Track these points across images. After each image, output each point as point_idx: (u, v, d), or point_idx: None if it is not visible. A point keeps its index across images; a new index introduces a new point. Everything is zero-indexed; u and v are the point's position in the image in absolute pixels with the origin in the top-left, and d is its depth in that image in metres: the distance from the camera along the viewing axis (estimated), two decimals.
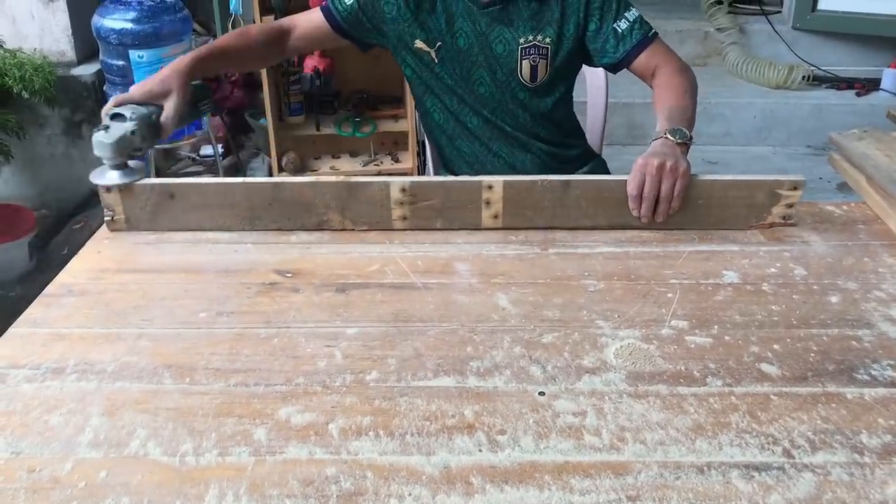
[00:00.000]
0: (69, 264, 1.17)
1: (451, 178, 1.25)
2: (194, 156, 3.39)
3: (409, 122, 2.95)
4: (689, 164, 1.22)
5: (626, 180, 1.22)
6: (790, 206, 1.24)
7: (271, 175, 2.98)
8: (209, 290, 1.10)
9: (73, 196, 3.01)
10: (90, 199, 3.00)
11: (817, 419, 0.85)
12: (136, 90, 1.30)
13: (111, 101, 1.28)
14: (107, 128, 1.22)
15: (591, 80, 1.96)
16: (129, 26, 2.49)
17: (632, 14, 1.48)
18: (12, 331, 1.01)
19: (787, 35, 3.86)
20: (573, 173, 1.55)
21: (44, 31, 2.92)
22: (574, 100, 1.64)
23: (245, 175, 3.28)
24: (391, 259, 1.17)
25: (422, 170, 2.89)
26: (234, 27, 3.04)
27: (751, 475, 0.77)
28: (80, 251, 1.21)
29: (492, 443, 0.82)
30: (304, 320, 1.03)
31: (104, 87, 2.70)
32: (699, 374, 0.92)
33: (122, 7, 2.51)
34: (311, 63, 2.80)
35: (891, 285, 1.11)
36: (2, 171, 2.96)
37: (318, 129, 2.97)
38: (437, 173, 1.92)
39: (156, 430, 0.83)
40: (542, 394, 0.89)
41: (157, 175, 2.86)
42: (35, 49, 2.90)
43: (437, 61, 1.51)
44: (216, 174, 3.08)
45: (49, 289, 1.11)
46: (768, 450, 0.81)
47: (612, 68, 1.53)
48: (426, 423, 0.84)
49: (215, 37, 3.75)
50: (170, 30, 2.56)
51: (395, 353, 0.96)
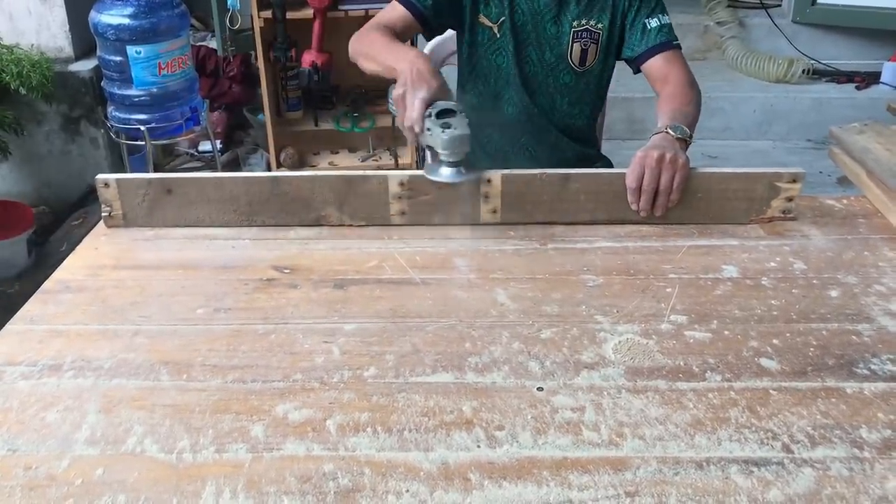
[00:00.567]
0: (66, 261, 1.17)
1: None
2: (193, 151, 3.38)
3: None
4: (688, 158, 1.22)
5: (625, 173, 1.22)
6: (790, 199, 1.24)
7: (269, 171, 2.97)
8: (206, 287, 1.10)
9: (71, 192, 3.00)
10: (88, 196, 2.99)
11: (817, 414, 0.85)
12: (426, 89, 1.18)
13: (421, 102, 1.17)
14: (446, 125, 1.15)
15: None
16: (126, 22, 2.48)
17: (665, 18, 1.52)
18: (9, 327, 1.01)
19: (786, 29, 3.85)
20: None
21: (41, 27, 2.91)
22: None
23: (243, 171, 3.28)
24: (389, 255, 1.17)
25: (420, 165, 2.88)
26: (231, 22, 3.03)
27: (750, 470, 0.77)
28: (78, 248, 1.21)
29: (490, 439, 0.81)
30: (302, 316, 1.03)
31: (102, 84, 2.69)
32: (698, 369, 0.92)
33: (120, 2, 2.50)
34: (308, 58, 2.79)
35: (891, 279, 1.10)
36: (0, 168, 2.96)
37: (316, 125, 2.97)
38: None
39: (153, 427, 0.83)
40: (540, 389, 0.88)
41: (156, 171, 2.85)
42: (32, 45, 2.89)
43: (498, 36, 1.53)
44: (215, 170, 3.08)
45: (46, 285, 1.10)
46: (767, 445, 0.80)
47: (632, 63, 1.55)
48: (424, 419, 0.84)
49: (213, 33, 3.75)
50: (167, 25, 2.55)
51: (393, 349, 0.96)
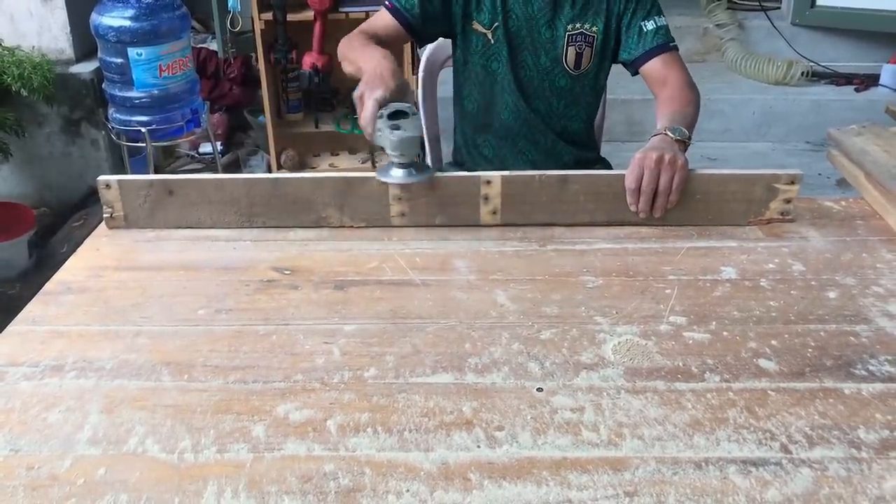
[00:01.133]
0: (68, 262, 1.17)
1: (450, 173, 1.25)
2: (193, 153, 3.39)
3: None
4: (687, 159, 1.23)
5: (619, 175, 1.22)
6: (788, 200, 1.24)
7: (270, 172, 2.98)
8: (208, 288, 1.10)
9: (72, 194, 3.00)
10: (89, 197, 3.00)
11: (815, 414, 0.85)
12: (382, 89, 1.19)
13: (374, 103, 1.18)
14: (395, 126, 1.16)
15: None
16: (127, 24, 2.49)
17: (661, 20, 1.52)
18: (11, 328, 1.01)
19: (785, 31, 3.86)
20: None
21: (42, 29, 2.92)
22: None
23: (243, 172, 3.28)
24: (390, 256, 1.18)
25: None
26: (232, 24, 3.04)
27: (748, 470, 0.78)
28: (79, 249, 1.21)
29: (490, 439, 0.82)
30: (303, 317, 1.03)
31: (103, 85, 2.70)
32: (697, 369, 0.92)
33: (121, 4, 2.50)
34: (309, 60, 2.80)
35: (889, 281, 1.11)
36: (1, 170, 2.96)
37: (316, 127, 2.97)
38: (439, 170, 1.92)
39: (154, 428, 0.83)
40: (540, 390, 0.89)
41: (156, 173, 2.86)
42: (33, 47, 2.90)
43: (493, 42, 1.53)
44: (215, 171, 3.08)
45: (48, 286, 1.11)
46: (766, 445, 0.81)
47: (629, 66, 1.55)
48: (424, 419, 0.84)
49: (213, 35, 3.75)
50: (168, 27, 2.55)
51: (393, 350, 0.96)
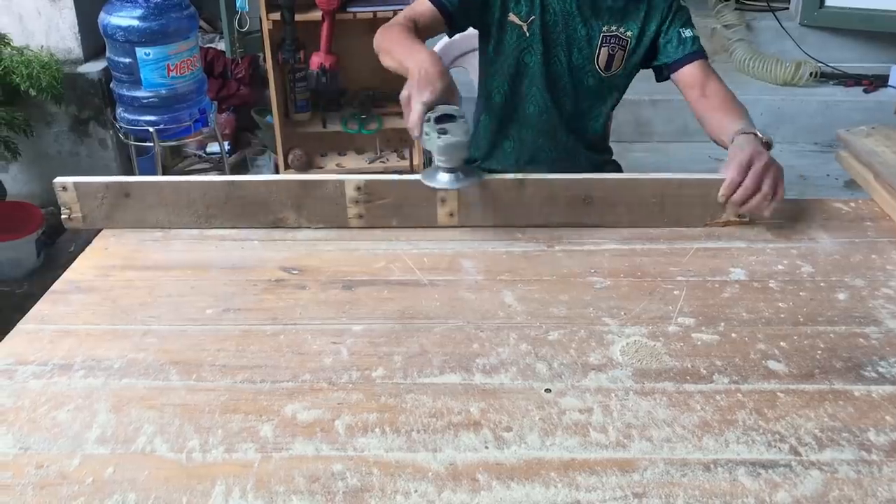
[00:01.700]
0: (76, 261, 1.17)
1: (405, 176, 1.26)
2: (201, 153, 3.39)
3: None
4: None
5: (576, 179, 1.23)
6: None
7: (278, 172, 2.98)
8: (215, 287, 1.10)
9: None
10: None
11: (824, 416, 0.85)
12: (430, 92, 1.19)
13: (421, 107, 1.18)
14: (443, 130, 1.16)
15: None
16: (135, 23, 2.49)
17: (695, 31, 1.57)
18: (20, 327, 1.02)
19: (794, 31, 3.85)
20: None
21: (50, 29, 2.93)
22: None
23: (251, 172, 3.29)
24: (397, 256, 1.18)
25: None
26: (240, 24, 3.04)
27: (757, 472, 0.77)
28: (87, 248, 1.21)
29: (498, 440, 0.82)
30: (311, 317, 1.03)
31: (111, 85, 2.70)
32: (706, 371, 0.92)
33: (129, 4, 2.51)
34: (317, 60, 2.80)
35: None
36: (9, 169, 2.97)
37: (324, 127, 2.97)
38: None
39: (162, 427, 0.84)
40: (548, 391, 0.89)
41: (164, 172, 2.87)
42: (42, 46, 2.91)
43: (527, 35, 1.53)
44: (223, 171, 3.09)
45: (56, 286, 1.11)
46: (775, 447, 0.80)
47: (664, 70, 1.58)
48: (432, 419, 0.84)
49: (221, 35, 3.76)
50: (176, 27, 2.56)
51: (401, 350, 0.96)
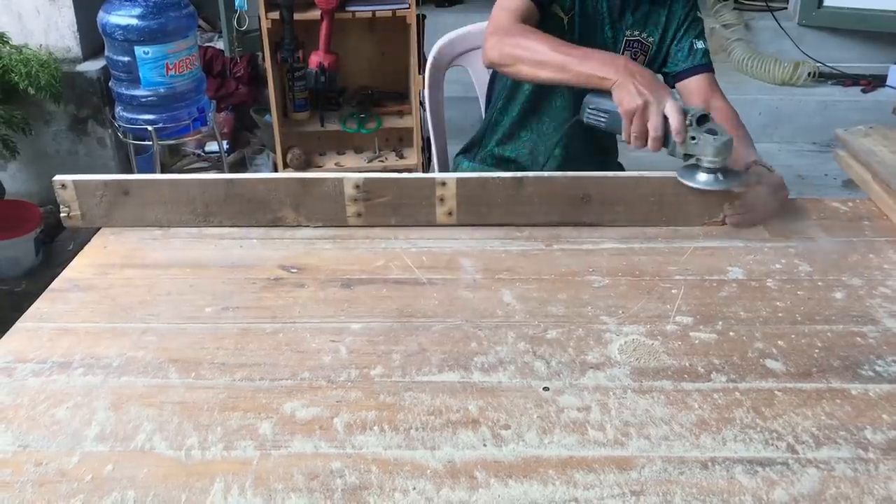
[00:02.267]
0: (75, 259, 1.18)
1: (405, 174, 1.26)
2: (199, 152, 3.39)
3: (413, 119, 2.94)
4: None
5: (575, 178, 1.23)
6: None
7: (276, 171, 2.98)
8: (214, 286, 1.10)
9: None
10: None
11: (821, 415, 0.85)
12: (671, 95, 1.20)
13: (679, 111, 1.17)
14: (711, 131, 1.16)
15: None
16: (134, 22, 2.49)
17: (706, 44, 1.59)
18: (19, 325, 1.02)
19: (792, 31, 3.85)
20: None
21: (49, 28, 2.93)
22: None
23: (250, 171, 3.29)
24: (396, 255, 1.18)
25: (426, 166, 2.89)
26: (238, 23, 3.04)
27: (755, 470, 0.78)
28: (86, 247, 1.21)
29: (496, 437, 0.82)
30: (310, 315, 1.03)
31: (110, 84, 2.70)
32: (703, 369, 0.92)
33: (128, 3, 2.51)
34: (315, 59, 2.80)
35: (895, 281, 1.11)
36: (8, 167, 2.97)
37: (322, 126, 2.97)
38: (442, 169, 1.92)
39: (161, 425, 0.84)
40: (546, 389, 0.89)
41: (163, 171, 2.87)
42: (41, 45, 2.91)
43: (566, 29, 1.53)
44: (221, 170, 3.09)
45: (55, 284, 1.11)
46: (772, 445, 0.81)
47: (671, 78, 1.59)
48: (431, 417, 0.85)
49: (220, 34, 3.76)
50: (175, 26, 2.56)
51: (399, 349, 0.96)
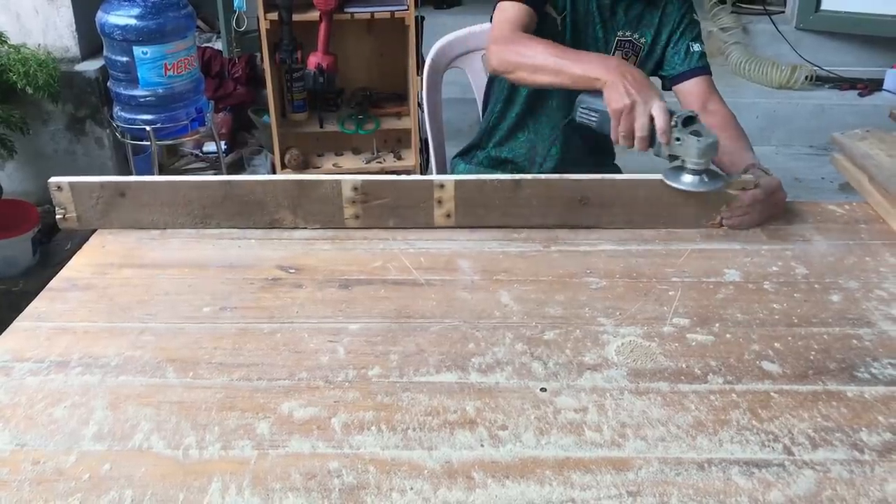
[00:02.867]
0: (73, 259, 1.18)
1: (403, 176, 1.27)
2: (197, 152, 3.39)
3: (412, 120, 2.95)
4: None
5: (572, 180, 1.24)
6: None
7: (274, 172, 2.98)
8: (212, 286, 1.10)
9: None
10: None
11: (818, 417, 0.85)
12: (659, 97, 1.21)
13: (665, 112, 1.19)
14: (696, 132, 1.17)
15: None
16: (133, 22, 2.49)
17: (703, 46, 1.59)
18: (17, 324, 1.02)
19: (790, 35, 3.86)
20: None
21: (48, 27, 2.92)
22: None
23: (247, 172, 3.29)
24: (394, 255, 1.18)
25: (424, 167, 2.89)
26: (237, 24, 3.04)
27: (751, 472, 0.78)
28: (84, 246, 1.21)
29: (493, 438, 0.82)
30: (307, 316, 1.03)
31: (108, 84, 2.70)
32: (700, 371, 0.93)
33: (127, 3, 2.51)
34: (314, 60, 2.80)
35: (892, 285, 1.11)
36: (5, 167, 2.97)
37: (321, 127, 2.97)
38: (440, 171, 1.93)
39: (159, 424, 0.84)
40: (543, 390, 0.89)
41: (161, 172, 2.87)
42: (39, 45, 2.91)
43: (560, 29, 1.55)
44: (219, 171, 3.09)
45: (53, 283, 1.11)
46: (769, 447, 0.81)
47: (668, 81, 1.60)
48: (428, 418, 0.85)
49: (219, 34, 3.76)
50: (174, 26, 2.56)
51: (397, 349, 0.96)
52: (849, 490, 0.76)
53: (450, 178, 1.24)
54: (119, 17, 2.50)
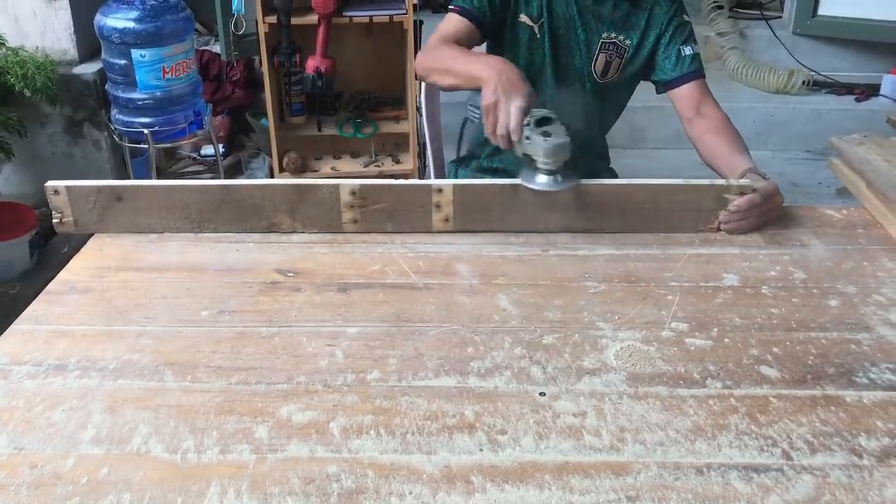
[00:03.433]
0: (71, 262, 1.17)
1: (401, 181, 1.27)
2: (195, 155, 3.39)
3: (410, 124, 2.95)
4: None
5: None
6: None
7: (272, 176, 2.98)
8: (211, 289, 1.10)
9: None
10: None
11: (816, 421, 0.85)
12: (521, 97, 1.21)
13: (519, 111, 1.19)
14: (546, 133, 1.17)
15: None
16: (131, 25, 2.49)
17: (696, 48, 1.58)
18: (15, 327, 1.02)
19: (787, 40, 3.87)
20: None
21: (46, 30, 2.92)
22: None
23: (245, 175, 3.29)
24: (392, 259, 1.18)
25: (422, 171, 2.89)
26: (235, 27, 3.04)
27: (750, 476, 0.78)
28: (82, 249, 1.21)
29: (492, 442, 0.82)
30: (306, 319, 1.03)
31: (106, 87, 2.70)
32: (699, 375, 0.93)
33: (125, 6, 2.51)
34: (312, 64, 2.80)
35: (890, 289, 1.11)
36: (3, 169, 2.96)
37: (319, 130, 2.98)
38: (438, 174, 1.93)
39: (157, 428, 0.84)
40: (542, 394, 0.89)
41: (158, 175, 2.86)
42: (37, 47, 2.91)
43: (538, 36, 1.55)
44: (217, 174, 3.09)
45: (51, 286, 1.11)
46: (767, 451, 0.81)
47: (661, 86, 1.60)
48: (427, 422, 0.85)
49: (217, 37, 3.76)
50: (172, 29, 2.56)
51: (396, 353, 0.96)
52: (847, 495, 0.76)
53: (448, 182, 1.24)
54: (117, 20, 2.50)
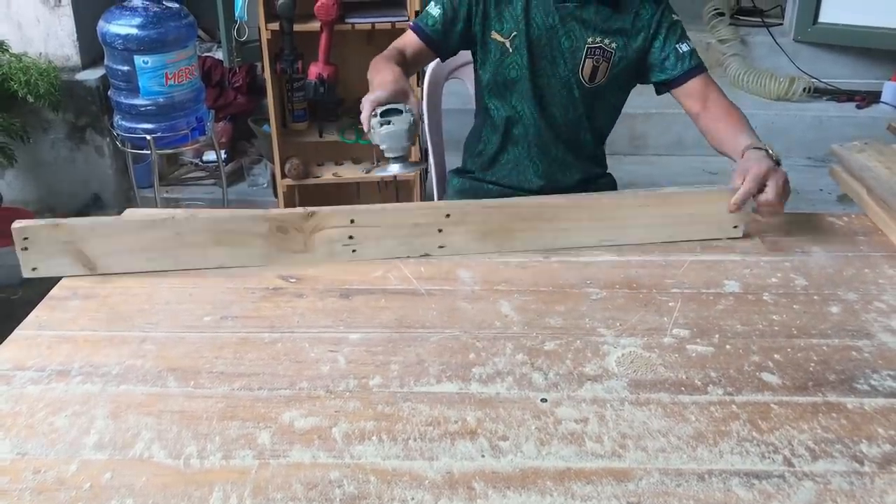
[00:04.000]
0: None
1: (402, 204, 1.28)
2: (197, 161, 3.40)
3: None
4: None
5: (573, 198, 1.25)
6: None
7: (274, 181, 2.98)
8: (213, 295, 1.11)
9: (76, 200, 3.01)
10: (93, 204, 3.00)
11: (817, 428, 0.86)
12: (382, 91, 1.30)
13: (370, 104, 1.28)
14: (388, 122, 1.21)
15: None
16: (134, 32, 2.50)
17: (691, 43, 1.58)
18: (18, 333, 1.02)
19: (788, 47, 3.88)
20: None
21: (49, 36, 2.93)
22: None
23: (247, 181, 3.29)
24: (394, 265, 1.18)
25: (424, 178, 2.89)
26: (238, 34, 3.05)
27: (751, 483, 0.78)
28: None
29: (494, 448, 0.82)
30: (308, 325, 1.04)
31: (108, 93, 2.71)
32: (700, 382, 0.93)
33: (128, 13, 2.52)
34: (315, 70, 2.81)
35: (891, 296, 1.11)
36: (6, 175, 2.97)
37: (321, 136, 2.98)
38: (439, 181, 1.93)
39: (160, 433, 0.84)
40: (544, 400, 0.89)
41: (160, 180, 2.87)
42: (40, 53, 2.91)
43: (511, 51, 1.56)
44: (219, 180, 3.09)
45: (54, 292, 1.11)
46: (769, 458, 0.81)
47: (663, 86, 1.59)
48: (429, 428, 0.85)
49: (219, 44, 3.77)
50: (175, 36, 2.57)
51: (398, 359, 0.97)
52: (849, 502, 0.76)
53: (454, 207, 1.20)
54: (120, 27, 2.51)
